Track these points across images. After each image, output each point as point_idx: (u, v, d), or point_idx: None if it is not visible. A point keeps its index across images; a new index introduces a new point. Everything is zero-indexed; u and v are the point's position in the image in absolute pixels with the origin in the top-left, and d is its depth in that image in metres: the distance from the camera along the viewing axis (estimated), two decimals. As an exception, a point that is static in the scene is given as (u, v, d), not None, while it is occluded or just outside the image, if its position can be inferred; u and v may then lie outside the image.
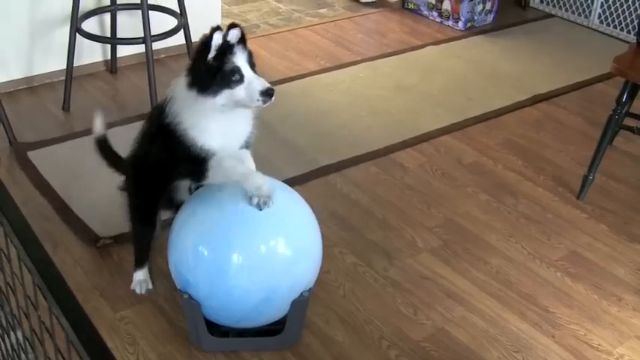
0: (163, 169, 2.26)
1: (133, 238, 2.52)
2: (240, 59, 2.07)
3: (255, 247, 2.14)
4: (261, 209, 2.09)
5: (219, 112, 2.10)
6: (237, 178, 2.12)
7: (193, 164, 2.15)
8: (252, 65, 2.10)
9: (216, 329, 2.28)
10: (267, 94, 2.06)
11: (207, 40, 2.04)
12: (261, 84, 2.06)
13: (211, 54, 2.04)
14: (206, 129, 2.12)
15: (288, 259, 2.18)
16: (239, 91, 2.06)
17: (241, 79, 2.06)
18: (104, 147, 2.67)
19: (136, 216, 2.45)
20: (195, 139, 2.12)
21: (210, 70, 2.05)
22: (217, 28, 2.04)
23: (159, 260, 2.62)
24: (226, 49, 2.05)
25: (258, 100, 2.06)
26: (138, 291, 2.52)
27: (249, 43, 4.50)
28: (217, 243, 2.13)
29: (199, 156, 2.13)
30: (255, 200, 2.08)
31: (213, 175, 2.16)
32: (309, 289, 2.26)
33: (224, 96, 2.06)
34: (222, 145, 2.15)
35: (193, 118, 2.11)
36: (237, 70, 2.05)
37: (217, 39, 2.03)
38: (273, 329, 2.31)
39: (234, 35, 2.07)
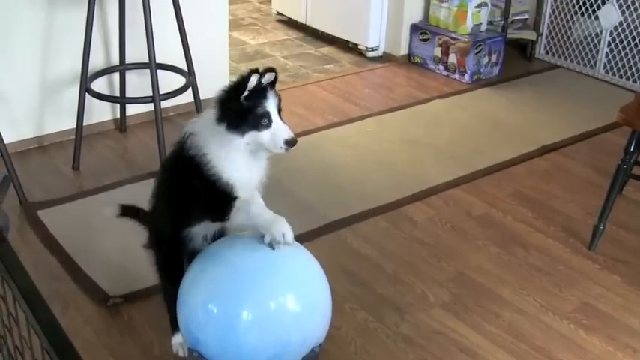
0: (184, 209, 2.25)
1: (166, 301, 2.46)
2: (270, 104, 2.10)
3: (265, 303, 2.12)
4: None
5: (243, 150, 2.12)
6: (263, 224, 2.11)
7: (216, 200, 2.15)
8: (279, 111, 2.13)
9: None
10: (291, 143, 2.10)
11: (243, 80, 2.06)
12: (286, 133, 2.10)
13: (245, 93, 2.06)
14: (231, 163, 2.12)
15: (298, 315, 2.16)
16: (265, 136, 2.08)
17: (269, 124, 2.08)
18: (126, 211, 2.66)
19: (164, 273, 2.42)
20: (220, 173, 2.12)
21: (241, 109, 2.07)
22: (255, 71, 2.07)
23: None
24: (260, 90, 2.09)
25: (281, 148, 2.09)
26: (181, 354, 2.46)
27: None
28: (227, 300, 2.12)
29: (223, 191, 2.13)
30: (279, 247, 2.10)
31: (236, 217, 2.14)
32: (320, 344, 2.24)
33: (250, 137, 2.08)
34: (245, 181, 2.16)
35: (219, 151, 2.12)
36: (266, 115, 2.08)
37: (253, 81, 2.06)
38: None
39: (268, 79, 2.11)
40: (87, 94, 3.69)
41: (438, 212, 3.44)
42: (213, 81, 4.36)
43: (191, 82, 3.83)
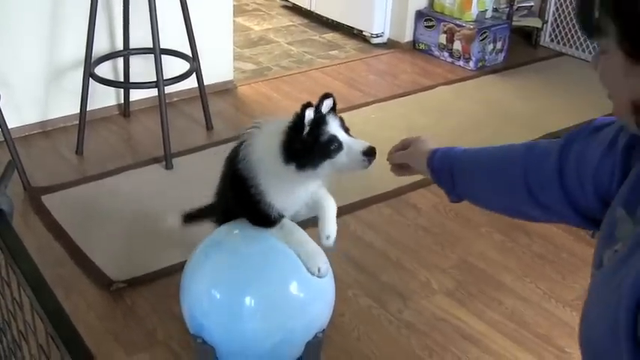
0: (234, 212, 2.23)
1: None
2: (333, 127, 1.99)
3: (270, 289, 2.13)
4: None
5: (302, 183, 2.08)
6: (302, 254, 2.11)
7: (259, 215, 2.12)
8: (346, 130, 2.03)
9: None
10: (370, 153, 1.99)
11: (300, 118, 1.97)
12: (360, 145, 1.99)
13: (305, 130, 1.97)
14: (282, 195, 2.09)
15: (302, 301, 2.17)
16: (340, 159, 1.98)
17: (340, 146, 1.98)
18: (190, 218, 2.63)
19: None
20: (267, 199, 2.08)
21: (306, 145, 1.97)
22: (308, 105, 1.98)
23: (172, 303, 2.62)
24: (318, 119, 1.99)
25: (363, 161, 1.99)
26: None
27: (262, 86, 4.54)
28: (231, 286, 2.13)
29: (265, 210, 2.10)
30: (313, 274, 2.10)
31: (278, 233, 2.13)
32: (323, 330, 2.24)
33: (326, 167, 1.99)
34: (289, 205, 2.14)
35: (277, 187, 2.07)
36: (334, 139, 1.97)
37: (309, 115, 1.97)
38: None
39: (327, 105, 2.02)
40: (91, 79, 3.69)
41: (442, 199, 3.41)
42: (218, 67, 4.39)
43: (195, 68, 3.82)
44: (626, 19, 1.04)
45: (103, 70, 3.88)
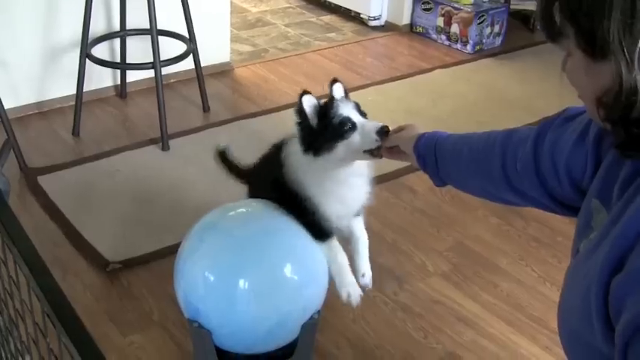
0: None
1: None
2: (346, 109, 1.99)
3: (266, 272, 2.13)
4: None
5: (341, 174, 2.07)
6: (336, 280, 2.15)
7: (313, 227, 2.13)
8: (362, 114, 2.02)
9: (224, 356, 2.27)
10: (384, 131, 1.95)
11: (299, 108, 2.00)
12: (374, 125, 1.96)
13: (313, 119, 1.99)
14: (329, 195, 2.08)
15: (297, 283, 2.17)
16: (354, 138, 1.96)
17: (354, 127, 1.97)
18: (225, 158, 2.61)
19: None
20: (318, 206, 2.08)
21: (317, 130, 1.99)
22: (304, 93, 2.00)
23: (168, 284, 2.62)
24: (328, 103, 2.00)
25: (377, 140, 1.95)
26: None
27: (259, 68, 4.53)
28: (227, 270, 2.12)
29: (318, 220, 2.11)
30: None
31: (325, 250, 2.16)
32: (318, 311, 2.25)
33: (341, 148, 1.98)
34: (342, 211, 2.15)
35: (316, 184, 2.07)
36: (347, 120, 1.96)
37: (308, 101, 1.99)
38: (282, 353, 2.29)
39: (337, 90, 2.04)
40: (87, 60, 3.67)
41: (438, 182, 3.43)
42: (215, 48, 4.38)
43: (192, 49, 3.81)
44: (578, 20, 1.11)
45: (100, 51, 3.87)
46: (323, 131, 1.97)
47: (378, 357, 2.42)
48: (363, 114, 2.02)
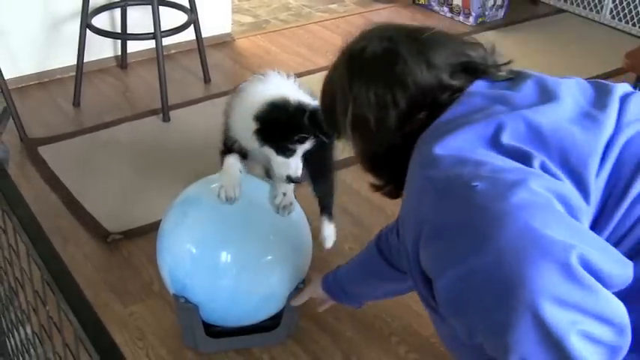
0: None
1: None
2: (302, 149, 2.20)
3: (252, 245, 2.14)
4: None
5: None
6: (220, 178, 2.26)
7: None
8: (304, 159, 2.23)
9: (209, 328, 2.26)
10: (291, 180, 2.21)
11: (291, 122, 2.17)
12: (293, 172, 2.20)
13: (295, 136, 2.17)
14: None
15: (284, 254, 2.19)
16: (277, 159, 2.20)
17: (287, 156, 2.19)
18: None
19: None
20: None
21: (282, 133, 2.17)
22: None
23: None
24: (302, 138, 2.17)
25: (282, 179, 2.22)
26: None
27: (260, 39, 4.49)
28: (214, 244, 2.12)
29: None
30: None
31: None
32: (303, 280, 2.27)
33: (268, 152, 2.21)
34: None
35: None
36: (292, 152, 2.19)
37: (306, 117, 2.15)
38: (268, 324, 2.30)
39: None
40: (87, 30, 3.66)
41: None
42: (216, 19, 4.35)
43: (193, 20, 3.79)
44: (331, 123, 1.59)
45: (100, 20, 3.84)
46: (283, 135, 2.16)
47: (378, 328, 2.42)
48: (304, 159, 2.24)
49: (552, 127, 1.27)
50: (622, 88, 1.40)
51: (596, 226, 1.23)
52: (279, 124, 2.16)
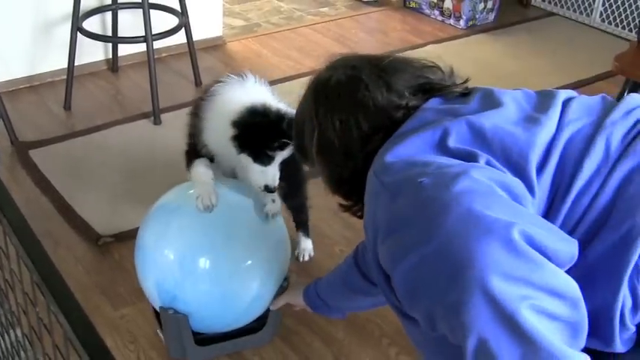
0: None
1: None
2: (281, 156, 2.19)
3: (239, 248, 2.14)
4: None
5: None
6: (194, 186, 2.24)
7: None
8: (281, 167, 2.22)
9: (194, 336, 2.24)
10: (268, 190, 2.21)
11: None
12: (271, 181, 2.20)
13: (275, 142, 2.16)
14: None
15: (269, 255, 2.20)
16: (254, 168, 2.19)
17: (269, 161, 2.18)
18: None
19: None
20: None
21: (263, 139, 2.16)
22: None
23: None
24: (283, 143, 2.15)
25: (259, 188, 2.22)
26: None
27: (251, 42, 4.50)
28: (203, 251, 2.10)
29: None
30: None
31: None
32: (286, 278, 2.28)
33: (245, 159, 2.19)
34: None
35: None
36: (270, 159, 2.18)
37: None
38: (253, 326, 2.31)
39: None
40: (78, 34, 3.65)
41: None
42: (207, 22, 4.35)
43: (184, 23, 3.79)
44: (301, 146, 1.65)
45: (91, 24, 3.84)
46: (262, 143, 2.15)
47: (369, 330, 2.43)
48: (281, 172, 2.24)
49: (494, 128, 1.34)
50: (566, 93, 1.47)
51: (547, 218, 1.28)
52: (259, 130, 2.14)
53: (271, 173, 2.19)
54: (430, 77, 1.56)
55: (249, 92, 2.24)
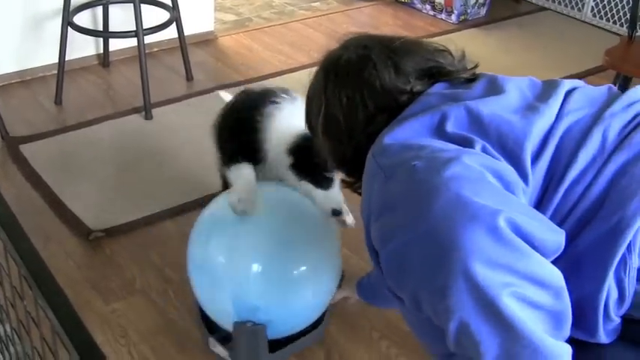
0: None
1: None
2: (339, 175, 2.08)
3: (309, 253, 2.12)
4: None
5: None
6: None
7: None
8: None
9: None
10: (335, 214, 2.18)
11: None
12: (336, 205, 2.17)
13: None
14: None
15: (329, 255, 2.20)
16: (318, 194, 2.14)
17: (326, 188, 2.13)
18: None
19: None
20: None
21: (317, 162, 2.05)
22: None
23: (150, 253, 2.64)
24: None
25: (328, 214, 2.17)
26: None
27: (243, 37, 4.49)
28: (279, 258, 2.06)
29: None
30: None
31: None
32: (342, 276, 2.29)
33: (306, 186, 2.15)
34: None
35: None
36: (330, 182, 2.12)
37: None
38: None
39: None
40: (69, 28, 3.64)
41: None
42: (198, 17, 4.35)
43: (175, 17, 3.79)
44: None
45: (82, 18, 3.83)
46: (320, 164, 2.00)
47: (360, 325, 2.43)
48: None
49: (492, 115, 1.36)
50: (571, 83, 1.50)
51: (540, 207, 1.30)
52: (312, 154, 1.99)
53: (335, 196, 2.15)
54: (440, 61, 1.58)
55: (295, 115, 2.12)
